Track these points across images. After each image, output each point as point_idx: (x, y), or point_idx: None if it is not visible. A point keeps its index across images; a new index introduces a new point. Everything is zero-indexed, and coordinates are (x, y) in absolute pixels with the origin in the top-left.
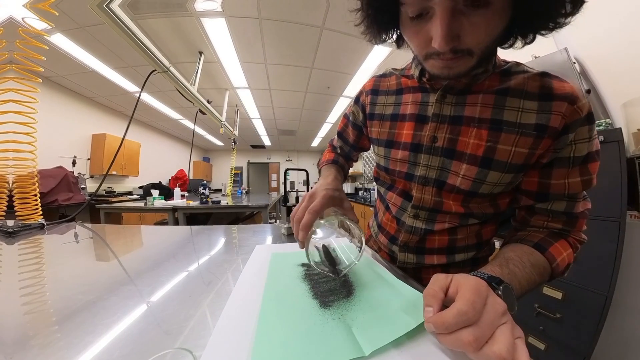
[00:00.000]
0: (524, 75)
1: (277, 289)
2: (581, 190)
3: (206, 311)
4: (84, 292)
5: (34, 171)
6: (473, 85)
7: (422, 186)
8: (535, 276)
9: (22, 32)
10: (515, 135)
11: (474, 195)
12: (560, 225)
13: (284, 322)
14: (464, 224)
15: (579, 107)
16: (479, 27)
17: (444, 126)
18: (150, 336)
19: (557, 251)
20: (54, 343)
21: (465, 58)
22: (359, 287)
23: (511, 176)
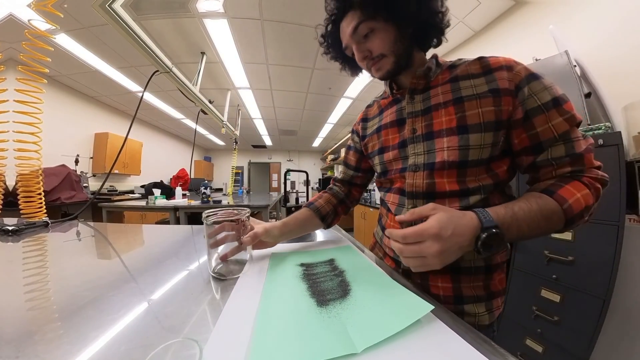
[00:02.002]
0: (465, 63)
1: (276, 287)
2: (569, 128)
3: (206, 308)
4: (88, 289)
5: (38, 170)
6: (430, 83)
7: (414, 172)
8: (541, 219)
9: (28, 34)
10: (476, 101)
11: (465, 166)
12: (569, 168)
13: (282, 319)
14: (466, 205)
15: (517, 72)
16: (375, 43)
17: (419, 118)
18: (155, 331)
19: (567, 192)
20: (59, 338)
21: (383, 60)
22: (355, 287)
23: (491, 135)
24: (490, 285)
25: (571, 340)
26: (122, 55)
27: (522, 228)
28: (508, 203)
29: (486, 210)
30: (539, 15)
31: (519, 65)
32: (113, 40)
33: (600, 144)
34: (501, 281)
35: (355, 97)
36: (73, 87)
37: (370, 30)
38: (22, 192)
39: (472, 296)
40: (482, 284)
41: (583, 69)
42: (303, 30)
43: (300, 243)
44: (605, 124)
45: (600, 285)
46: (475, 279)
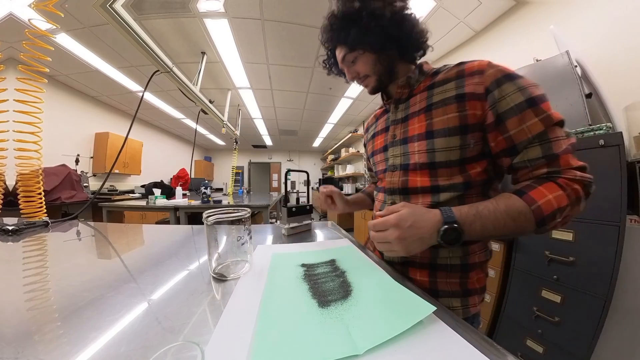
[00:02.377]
0: (446, 69)
1: (277, 288)
2: (545, 129)
3: (207, 309)
4: (87, 289)
5: (38, 170)
6: (413, 91)
7: (392, 172)
8: (507, 219)
9: (28, 34)
10: (441, 108)
11: (435, 166)
12: (545, 169)
13: (284, 320)
14: (436, 201)
15: (488, 75)
16: (360, 66)
17: (399, 125)
18: (156, 332)
19: (538, 193)
20: (59, 339)
21: (368, 79)
22: (357, 288)
23: (457, 138)
24: (467, 283)
25: (572, 341)
26: (123, 55)
27: (487, 226)
28: (476, 203)
29: (451, 208)
30: (540, 16)
31: (492, 68)
32: (113, 40)
33: (601, 145)
34: (479, 280)
35: (355, 97)
36: (73, 87)
37: (354, 58)
38: (22, 191)
39: (447, 291)
40: (458, 280)
41: (584, 69)
42: (304, 30)
43: (301, 243)
44: (606, 124)
45: (601, 286)
46: (451, 275)
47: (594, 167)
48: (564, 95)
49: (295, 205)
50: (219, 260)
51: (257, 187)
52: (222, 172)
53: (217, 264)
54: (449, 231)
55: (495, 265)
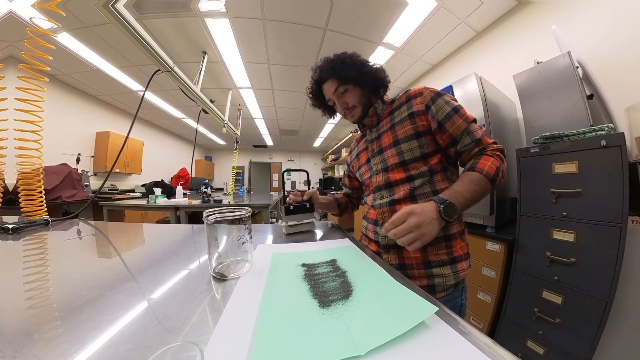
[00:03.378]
0: (398, 97)
1: (278, 288)
2: (467, 125)
3: (207, 309)
4: (88, 288)
5: (39, 168)
6: (380, 118)
7: (376, 175)
8: (474, 186)
9: (29, 32)
10: (400, 124)
11: (405, 164)
12: (476, 149)
13: (284, 321)
14: (413, 187)
15: (424, 97)
16: (350, 97)
17: (375, 142)
18: (155, 332)
19: (481, 163)
20: (57, 338)
21: (354, 110)
22: (357, 288)
23: (415, 142)
24: (453, 252)
25: (573, 342)
26: (124, 55)
27: (466, 196)
28: (450, 185)
29: (438, 196)
30: (541, 16)
31: (427, 90)
32: (115, 39)
33: (603, 145)
34: (462, 248)
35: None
36: (75, 86)
37: (345, 90)
38: (23, 190)
39: (438, 261)
40: (445, 251)
41: (585, 70)
42: (305, 30)
43: (301, 243)
44: (607, 125)
45: (603, 287)
46: (438, 247)
47: (596, 167)
48: (565, 96)
49: (294, 203)
50: (219, 259)
51: (258, 187)
52: (223, 171)
53: (217, 263)
54: (447, 207)
55: (496, 266)
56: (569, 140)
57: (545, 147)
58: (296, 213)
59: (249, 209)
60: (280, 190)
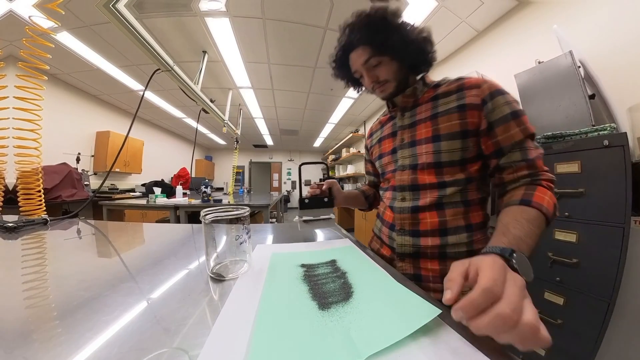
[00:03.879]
0: (446, 83)
1: (276, 289)
2: (524, 138)
3: (203, 311)
4: (85, 288)
5: (38, 167)
6: (417, 102)
7: (401, 171)
8: (534, 229)
9: (28, 31)
10: (445, 116)
11: (440, 165)
12: (526, 171)
13: (282, 323)
14: (443, 194)
15: (482, 90)
16: (382, 71)
17: (406, 131)
18: (150, 333)
19: (540, 198)
20: (55, 338)
21: (387, 84)
22: (358, 289)
23: (459, 142)
24: (470, 218)
25: (574, 343)
26: (124, 54)
27: (530, 244)
28: (500, 229)
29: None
30: (543, 16)
31: (486, 83)
32: (115, 39)
33: (606, 145)
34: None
35: (356, 97)
36: (75, 86)
37: (377, 63)
38: (22, 189)
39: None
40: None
41: (587, 69)
42: (305, 29)
43: (301, 243)
44: (610, 124)
45: (605, 288)
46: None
47: (599, 167)
48: (567, 96)
49: (309, 197)
50: (217, 259)
51: (258, 187)
52: (223, 171)
53: (215, 263)
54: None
55: None
56: (571, 140)
57: (547, 147)
58: (312, 207)
59: (247, 208)
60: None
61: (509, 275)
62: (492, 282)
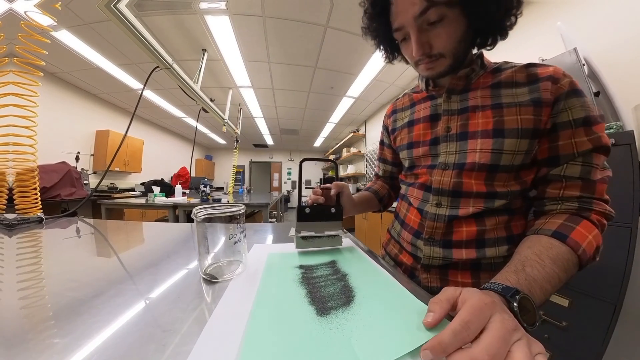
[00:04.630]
0: (512, 69)
1: (271, 292)
2: (592, 150)
3: (193, 315)
4: (73, 288)
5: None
6: (470, 85)
7: (442, 170)
8: (559, 272)
9: (24, 26)
10: (516, 108)
11: (496, 170)
12: (578, 192)
13: (276, 331)
14: (490, 207)
15: (561, 85)
16: (441, 36)
17: (455, 117)
18: (132, 340)
19: (580, 235)
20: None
21: (440, 60)
22: (360, 293)
23: (527, 142)
24: (512, 227)
25: (580, 346)
26: (124, 52)
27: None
28: (514, 264)
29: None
30: (546, 13)
31: (566, 78)
32: (115, 37)
33: (612, 144)
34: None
35: (357, 97)
36: (75, 84)
37: (439, 19)
38: (18, 187)
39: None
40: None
41: (592, 67)
42: (306, 27)
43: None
44: (616, 122)
45: (611, 290)
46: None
47: None
48: None
49: (312, 205)
50: (210, 260)
51: (258, 187)
52: (223, 171)
53: (208, 264)
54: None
55: None
56: None
57: None
58: (314, 220)
59: (243, 205)
60: (280, 189)
61: (498, 316)
62: (465, 322)
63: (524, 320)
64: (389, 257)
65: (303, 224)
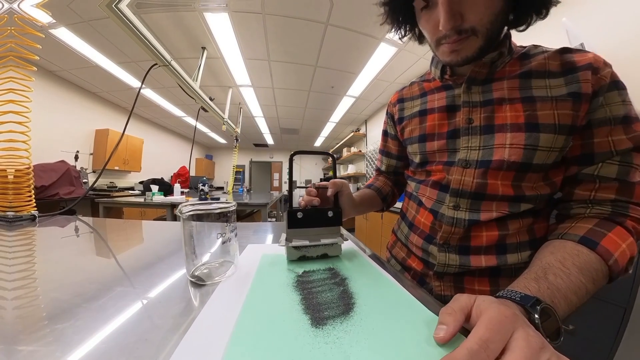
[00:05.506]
0: (544, 55)
1: (262, 298)
2: (632, 147)
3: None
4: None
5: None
6: (494, 74)
7: (463, 169)
8: (586, 283)
9: (17, 20)
10: (551, 102)
11: (527, 169)
12: (613, 195)
13: (263, 346)
14: (515, 211)
15: (602, 76)
16: (477, 5)
17: (477, 109)
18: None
19: (612, 243)
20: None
21: (471, 39)
22: (361, 300)
23: (564, 138)
24: (535, 230)
25: (588, 351)
26: (123, 50)
27: (571, 300)
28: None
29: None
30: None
31: (607, 68)
32: (113, 35)
33: None
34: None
35: (358, 96)
36: (74, 83)
37: None
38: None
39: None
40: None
41: None
42: (306, 24)
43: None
44: None
45: (621, 293)
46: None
47: None
48: None
49: (305, 209)
50: (197, 261)
51: (258, 186)
52: (223, 170)
53: (195, 265)
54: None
55: None
56: None
57: None
58: (307, 226)
59: (234, 202)
60: (281, 189)
61: (521, 332)
62: (484, 340)
63: (545, 335)
64: (395, 261)
65: (295, 231)
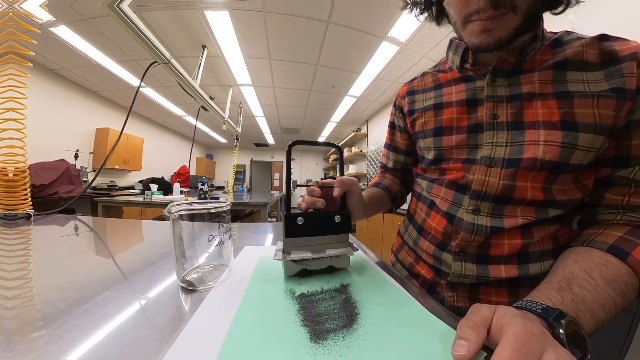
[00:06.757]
0: (581, 42)
1: (256, 306)
2: None
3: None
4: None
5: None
6: (523, 63)
7: (487, 168)
8: (615, 296)
9: (13, 15)
10: (591, 99)
11: (561, 170)
12: None
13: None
14: (542, 217)
15: None
16: None
17: (503, 104)
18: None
19: None
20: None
21: (508, 16)
22: (365, 310)
23: (602, 139)
24: (559, 238)
25: (596, 356)
26: (123, 49)
27: (597, 314)
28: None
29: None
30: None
31: None
32: (114, 33)
33: None
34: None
35: (359, 96)
36: (75, 81)
37: None
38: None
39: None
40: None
41: None
42: (307, 23)
43: None
44: None
45: None
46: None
47: None
48: None
49: (307, 212)
50: (189, 265)
51: (259, 186)
52: (224, 170)
53: (186, 270)
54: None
55: None
56: None
57: None
58: (309, 234)
59: (228, 202)
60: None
61: (552, 353)
62: None
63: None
64: (401, 266)
65: (294, 241)
